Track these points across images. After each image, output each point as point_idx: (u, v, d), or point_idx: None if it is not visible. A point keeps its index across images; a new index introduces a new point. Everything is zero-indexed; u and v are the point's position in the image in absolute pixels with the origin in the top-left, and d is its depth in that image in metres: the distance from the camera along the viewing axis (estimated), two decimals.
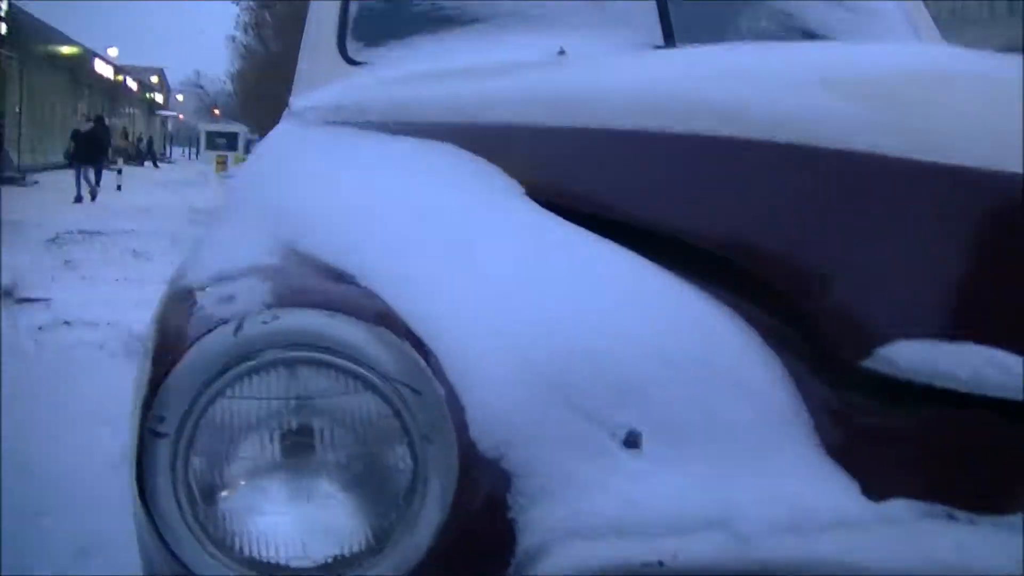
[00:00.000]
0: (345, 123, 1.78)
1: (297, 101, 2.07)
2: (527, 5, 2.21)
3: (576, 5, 2.21)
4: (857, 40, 2.31)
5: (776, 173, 1.07)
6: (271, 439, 0.83)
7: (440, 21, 2.23)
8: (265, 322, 0.83)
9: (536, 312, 0.95)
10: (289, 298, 0.88)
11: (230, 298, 0.90)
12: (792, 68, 1.18)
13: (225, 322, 0.83)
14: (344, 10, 2.20)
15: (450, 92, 1.64)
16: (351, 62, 2.13)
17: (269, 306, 0.85)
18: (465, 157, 1.36)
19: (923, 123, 0.98)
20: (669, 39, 2.15)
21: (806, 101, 1.07)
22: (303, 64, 2.21)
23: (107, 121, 23.86)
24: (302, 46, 2.26)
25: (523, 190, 1.25)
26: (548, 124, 1.34)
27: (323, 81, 2.11)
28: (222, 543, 0.81)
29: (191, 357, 0.82)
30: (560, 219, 1.17)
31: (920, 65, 1.11)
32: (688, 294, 1.03)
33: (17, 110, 24.32)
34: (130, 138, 37.97)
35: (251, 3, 29.81)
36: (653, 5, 2.20)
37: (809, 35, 2.33)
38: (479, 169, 1.32)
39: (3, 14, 22.52)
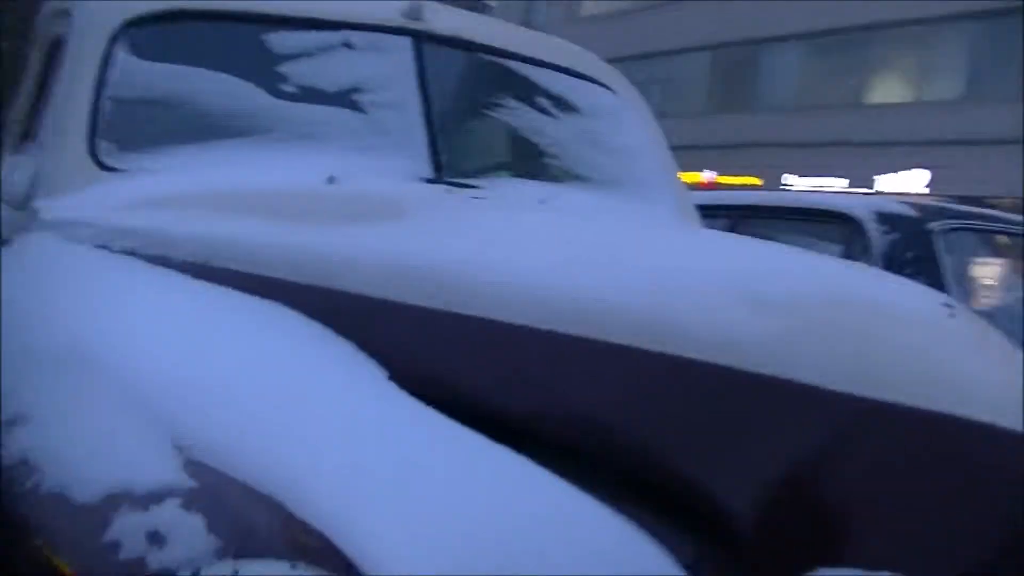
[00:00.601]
0: (128, 251, 1.62)
1: (46, 207, 1.86)
2: (295, 120, 2.13)
3: (345, 124, 2.17)
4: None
5: (692, 391, 1.07)
6: None
7: (203, 129, 2.10)
8: None
9: (476, 539, 0.89)
10: (241, 543, 0.78)
11: (158, 537, 0.79)
12: (711, 278, 1.15)
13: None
14: (95, 106, 2.02)
15: (254, 232, 1.53)
16: (103, 166, 1.96)
17: (219, 554, 0.76)
18: (305, 322, 1.28)
19: (847, 353, 1.02)
20: (438, 171, 2.16)
21: (729, 318, 1.07)
22: (46, 159, 1.99)
23: None
24: (42, 132, 2.04)
25: (386, 373, 1.19)
26: (412, 302, 1.25)
27: (72, 185, 1.92)
28: None
29: None
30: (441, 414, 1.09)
31: (850, 291, 1.11)
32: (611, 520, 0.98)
33: None
34: None
35: None
36: (422, 132, 2.20)
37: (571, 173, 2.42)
38: (330, 341, 1.24)
39: None
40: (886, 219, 3.45)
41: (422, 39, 2.33)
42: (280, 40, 2.23)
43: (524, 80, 2.47)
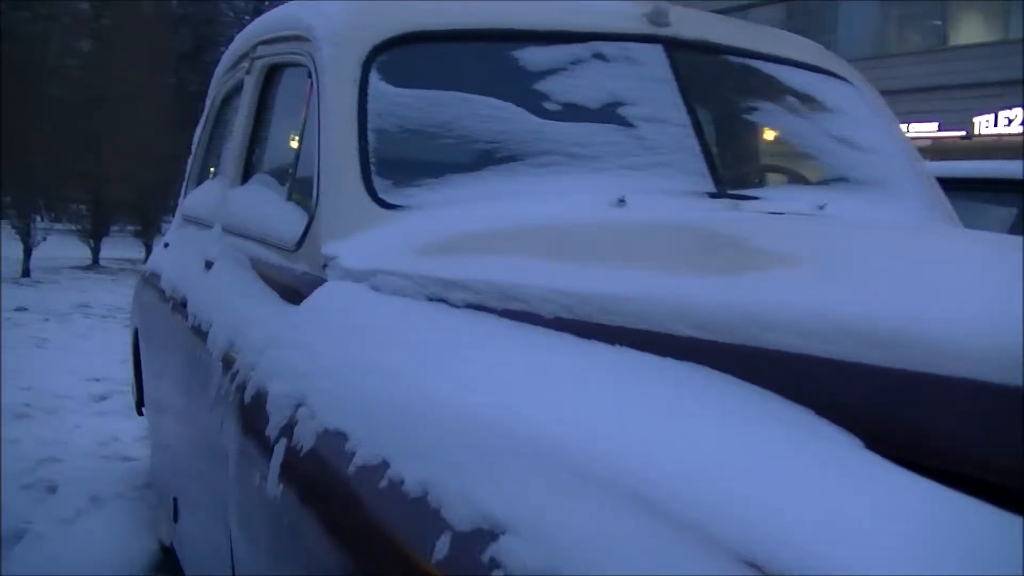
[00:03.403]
0: (463, 304, 1.51)
1: (339, 254, 1.78)
2: (561, 141, 2.03)
3: (614, 142, 2.06)
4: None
5: None
6: None
7: (470, 155, 2.01)
8: None
9: None
10: None
11: None
12: None
13: None
14: (362, 139, 1.93)
15: (618, 280, 1.31)
16: (383, 204, 1.87)
17: None
18: (747, 389, 1.13)
19: None
20: (720, 185, 2.04)
21: None
22: (325, 200, 1.91)
23: None
24: (319, 176, 1.95)
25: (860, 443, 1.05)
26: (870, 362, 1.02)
27: (353, 227, 1.84)
28: None
29: None
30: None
31: None
32: None
33: None
34: None
35: None
36: (694, 144, 2.09)
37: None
38: (775, 406, 1.09)
39: None
40: None
41: (672, 45, 2.22)
42: (527, 56, 2.13)
43: (769, 79, 2.35)
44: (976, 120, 20.03)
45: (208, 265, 2.44)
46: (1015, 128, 19.56)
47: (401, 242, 1.74)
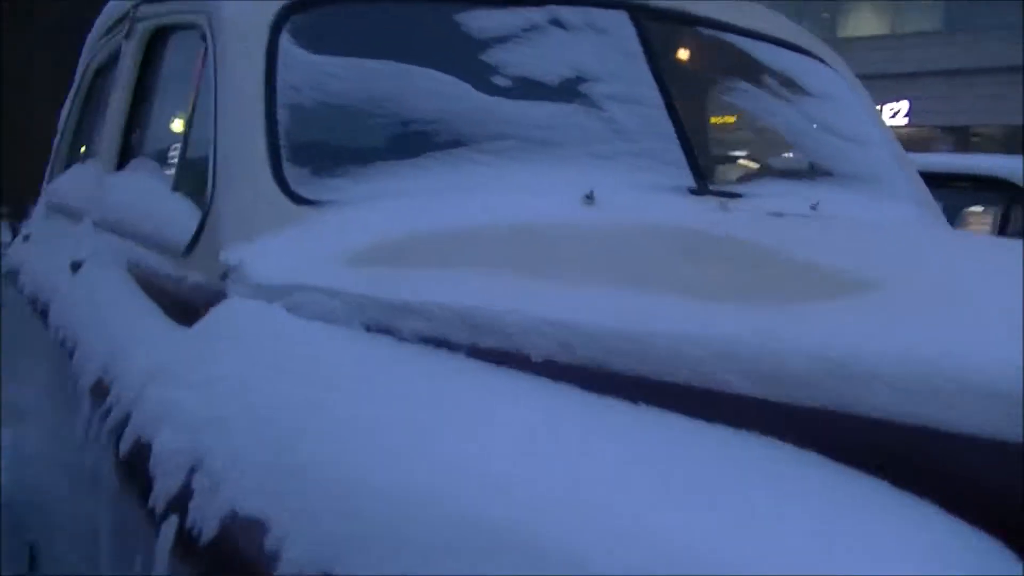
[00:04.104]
0: (385, 329, 1.15)
1: (242, 261, 1.39)
2: (514, 123, 1.67)
3: (577, 125, 1.71)
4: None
5: None
6: None
7: (404, 139, 1.64)
8: None
9: None
10: None
11: None
12: None
13: None
14: (270, 119, 1.54)
15: (614, 309, 0.98)
16: (296, 199, 1.49)
17: None
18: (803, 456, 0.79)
19: None
20: (700, 180, 1.72)
21: None
22: (219, 193, 1.52)
23: None
24: (215, 163, 1.56)
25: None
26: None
27: (260, 227, 1.45)
28: None
29: None
30: None
31: None
32: None
33: None
34: None
35: None
36: (670, 130, 1.76)
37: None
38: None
39: None
40: None
41: (640, 14, 1.88)
42: (474, 20, 1.76)
43: (747, 57, 2.03)
44: None
45: (76, 267, 2.02)
46: (900, 120, 19.97)
47: (323, 248, 1.36)
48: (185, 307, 1.50)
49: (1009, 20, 17.46)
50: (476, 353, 1.03)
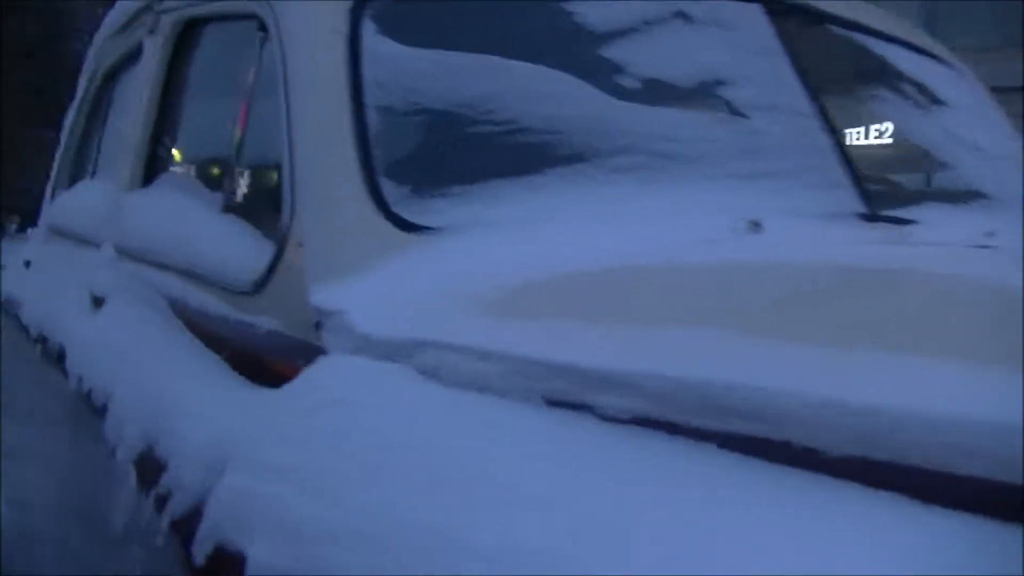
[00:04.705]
0: (565, 403, 0.85)
1: (336, 298, 1.08)
2: (643, 133, 1.38)
3: (718, 137, 1.42)
4: None
5: None
6: None
7: (517, 149, 1.34)
8: None
9: None
10: None
11: None
12: None
13: None
14: (360, 125, 1.23)
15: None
16: (400, 224, 1.18)
17: None
18: None
19: None
20: (869, 203, 1.43)
21: None
22: (304, 214, 1.21)
23: None
24: (293, 178, 1.25)
25: None
26: None
27: (359, 257, 1.15)
28: None
29: None
30: None
31: None
32: None
33: None
34: None
35: None
36: (827, 143, 1.47)
37: None
38: None
39: None
40: None
41: (774, 8, 1.59)
42: (589, 13, 1.47)
43: (887, 63, 1.75)
44: None
45: (98, 302, 1.70)
46: (885, 140, 19.89)
47: (449, 289, 1.05)
48: (256, 361, 1.19)
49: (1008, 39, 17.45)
50: (717, 441, 0.73)
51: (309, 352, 1.08)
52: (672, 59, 1.47)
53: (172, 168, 1.81)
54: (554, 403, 0.84)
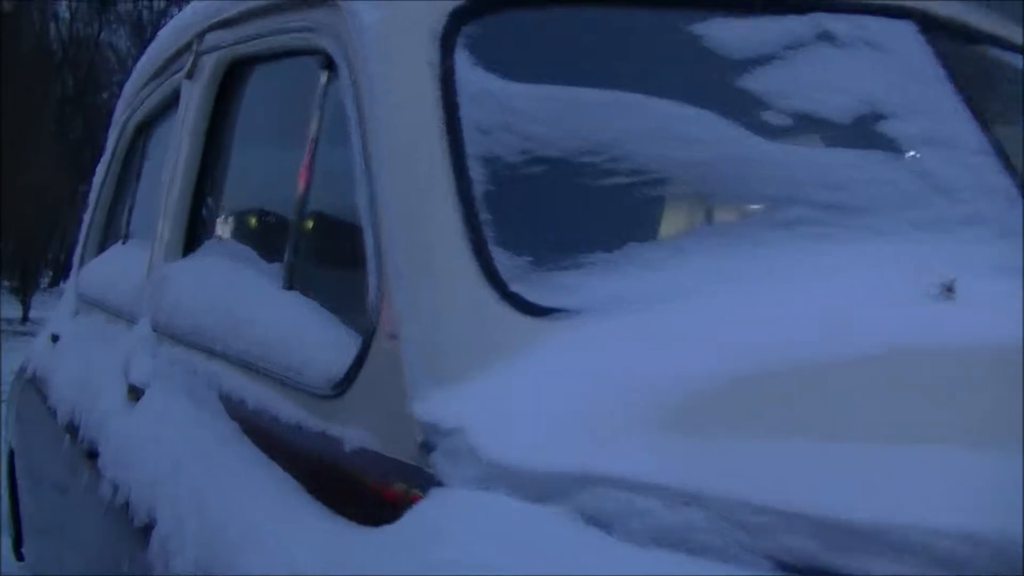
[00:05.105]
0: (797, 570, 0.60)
1: (451, 412, 0.83)
2: (812, 184, 1.12)
3: (880, 180, 1.16)
4: None
5: None
6: None
7: (647, 203, 1.09)
8: None
9: None
10: None
11: None
12: None
13: None
14: (464, 185, 0.99)
15: None
16: (523, 306, 0.93)
17: None
18: None
19: None
20: None
21: None
22: (398, 297, 0.96)
23: None
24: (378, 249, 1.00)
25: None
26: None
27: (474, 353, 0.90)
28: None
29: None
30: None
31: None
32: None
33: None
34: None
35: None
36: (1007, 183, 1.21)
37: None
38: None
39: None
40: None
41: (929, 26, 1.34)
42: (717, 32, 1.23)
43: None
44: None
45: (135, 393, 1.45)
46: None
47: (604, 394, 0.80)
48: (340, 485, 0.94)
49: None
50: None
51: (413, 478, 0.83)
52: (823, 88, 1.22)
53: (219, 232, 1.57)
54: (789, 568, 0.60)
